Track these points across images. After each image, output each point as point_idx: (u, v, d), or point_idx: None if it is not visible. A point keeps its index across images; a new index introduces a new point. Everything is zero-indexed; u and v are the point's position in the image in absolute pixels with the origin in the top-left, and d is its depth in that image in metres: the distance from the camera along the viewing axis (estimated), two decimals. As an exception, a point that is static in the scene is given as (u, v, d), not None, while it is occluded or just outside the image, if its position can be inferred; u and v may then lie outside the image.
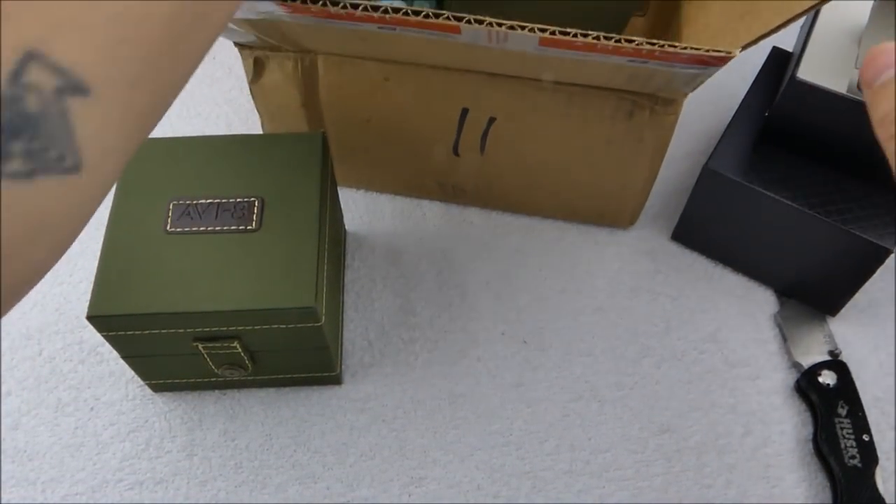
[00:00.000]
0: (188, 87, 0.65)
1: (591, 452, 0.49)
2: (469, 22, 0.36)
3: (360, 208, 0.59)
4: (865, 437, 0.48)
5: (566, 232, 0.58)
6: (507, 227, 0.58)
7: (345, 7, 0.37)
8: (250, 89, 0.51)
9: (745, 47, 0.36)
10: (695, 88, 0.43)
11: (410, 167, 0.55)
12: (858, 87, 0.46)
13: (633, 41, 0.36)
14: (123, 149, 0.23)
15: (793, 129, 0.49)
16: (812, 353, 0.52)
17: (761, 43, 0.37)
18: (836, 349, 0.52)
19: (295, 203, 0.45)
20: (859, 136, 0.47)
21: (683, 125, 0.50)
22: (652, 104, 0.45)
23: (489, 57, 0.42)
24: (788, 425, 0.50)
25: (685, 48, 0.35)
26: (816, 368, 0.50)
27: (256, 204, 0.45)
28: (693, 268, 0.56)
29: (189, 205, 0.45)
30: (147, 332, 0.43)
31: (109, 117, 0.22)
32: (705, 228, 0.55)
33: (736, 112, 0.52)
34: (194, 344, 0.44)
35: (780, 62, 0.54)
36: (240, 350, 0.44)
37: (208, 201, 0.45)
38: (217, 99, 0.65)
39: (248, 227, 0.44)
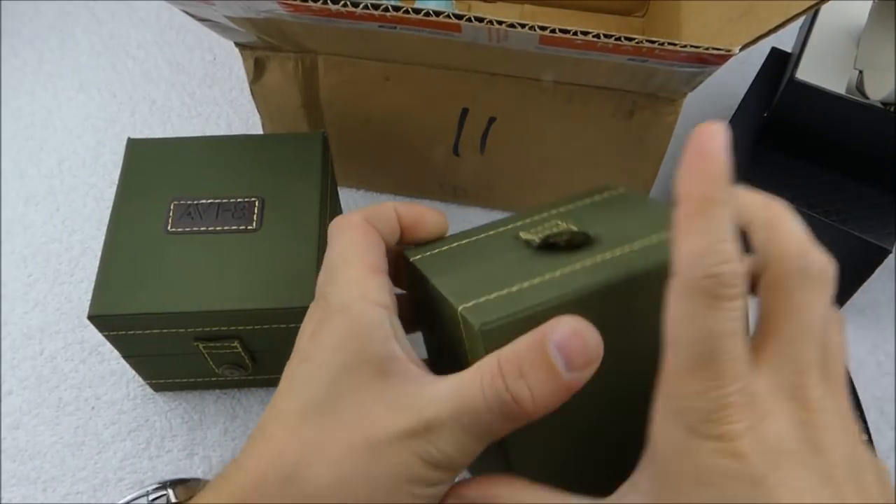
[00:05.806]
0: (189, 87, 0.65)
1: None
2: (470, 20, 0.36)
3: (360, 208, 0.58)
4: (864, 437, 0.48)
5: (566, 232, 0.58)
6: (507, 227, 0.58)
7: (346, 6, 0.38)
8: (251, 89, 0.51)
9: (744, 47, 0.36)
10: (694, 88, 0.43)
11: (410, 167, 0.55)
12: (858, 87, 0.47)
13: (633, 39, 0.36)
14: None
15: (792, 129, 0.49)
16: (811, 352, 0.51)
17: (761, 43, 0.37)
18: (836, 349, 0.52)
19: (295, 203, 0.45)
20: (859, 137, 0.47)
21: (683, 125, 0.50)
22: (652, 104, 0.46)
23: (489, 56, 0.42)
24: (788, 425, 0.50)
25: (685, 46, 0.35)
26: (816, 368, 0.50)
27: (256, 204, 0.45)
28: (693, 268, 0.56)
29: (190, 205, 0.45)
30: (148, 331, 0.43)
31: None
32: (705, 228, 0.54)
33: (735, 112, 0.52)
34: (195, 344, 0.44)
35: (779, 62, 0.54)
36: (240, 350, 0.45)
37: (209, 201, 0.45)
38: (217, 99, 0.65)
39: (248, 227, 0.44)
